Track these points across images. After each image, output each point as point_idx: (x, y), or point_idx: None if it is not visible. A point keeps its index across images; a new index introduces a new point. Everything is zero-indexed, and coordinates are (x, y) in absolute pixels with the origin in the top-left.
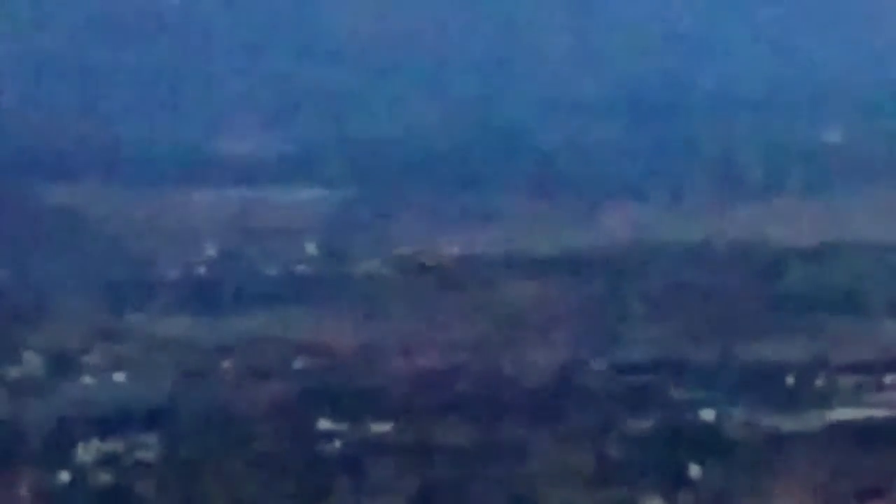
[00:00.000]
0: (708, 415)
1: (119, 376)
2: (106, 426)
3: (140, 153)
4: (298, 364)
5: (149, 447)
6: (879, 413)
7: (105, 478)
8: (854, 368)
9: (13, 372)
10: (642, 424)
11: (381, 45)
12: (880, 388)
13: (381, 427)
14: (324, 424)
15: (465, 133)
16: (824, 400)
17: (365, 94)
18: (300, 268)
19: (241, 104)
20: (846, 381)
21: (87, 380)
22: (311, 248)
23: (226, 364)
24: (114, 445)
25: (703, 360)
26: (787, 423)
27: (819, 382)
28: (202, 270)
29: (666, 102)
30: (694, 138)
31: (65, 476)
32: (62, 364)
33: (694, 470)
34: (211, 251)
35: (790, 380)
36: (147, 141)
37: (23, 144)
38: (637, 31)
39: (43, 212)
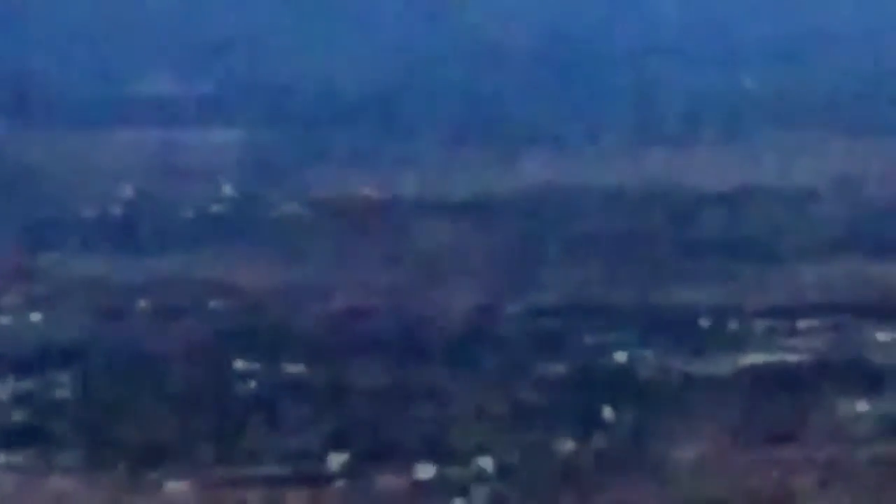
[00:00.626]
0: (621, 357)
1: (35, 316)
2: (21, 365)
3: (57, 93)
4: (214, 304)
5: (64, 386)
6: (792, 358)
7: (20, 416)
8: (768, 313)
9: None
10: (556, 368)
11: None
12: (793, 332)
13: (296, 368)
14: (239, 365)
15: (386, 78)
16: (737, 344)
17: (286, 36)
18: (216, 208)
19: (160, 45)
20: (759, 325)
21: (2, 319)
22: (227, 190)
23: (141, 304)
24: (29, 384)
25: (617, 304)
26: (700, 367)
27: (732, 327)
28: (119, 210)
29: (585, 51)
30: (611, 85)
31: None
32: None
33: (607, 412)
34: (128, 191)
35: (704, 324)
36: (65, 81)
37: None
38: None
39: None
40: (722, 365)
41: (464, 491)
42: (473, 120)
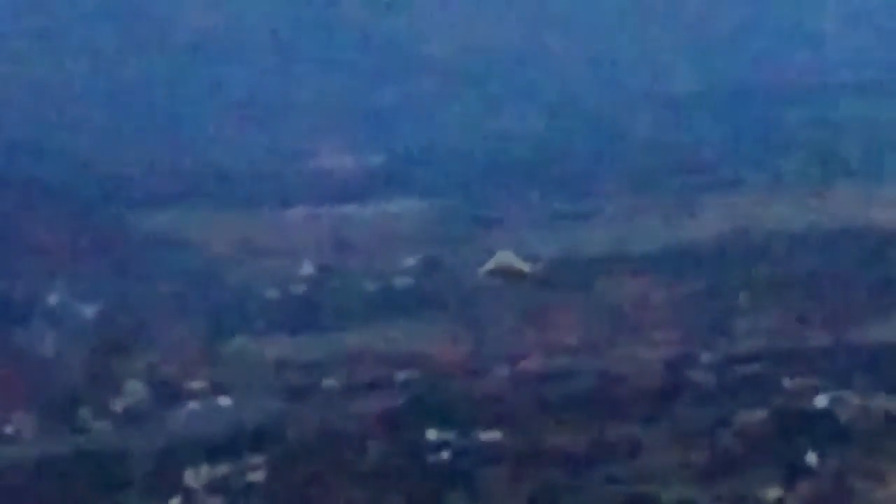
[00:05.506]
0: (822, 401)
1: (223, 399)
2: (213, 450)
3: (231, 176)
4: (402, 376)
5: (258, 468)
6: None
7: (216, 502)
8: None
9: (117, 403)
10: (756, 414)
11: (467, 53)
12: None
13: (490, 434)
14: (432, 435)
15: (556, 135)
16: None
17: (453, 103)
18: (399, 280)
19: (328, 121)
20: None
21: (192, 405)
22: (409, 260)
23: (329, 381)
24: (223, 469)
25: (814, 347)
26: None
27: None
28: (301, 288)
29: (758, 90)
30: (788, 124)
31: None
32: (166, 391)
33: (811, 457)
34: (308, 268)
35: None
36: (237, 163)
37: (110, 173)
38: (724, 21)
39: (137, 240)
40: None
41: None
42: (650, 170)
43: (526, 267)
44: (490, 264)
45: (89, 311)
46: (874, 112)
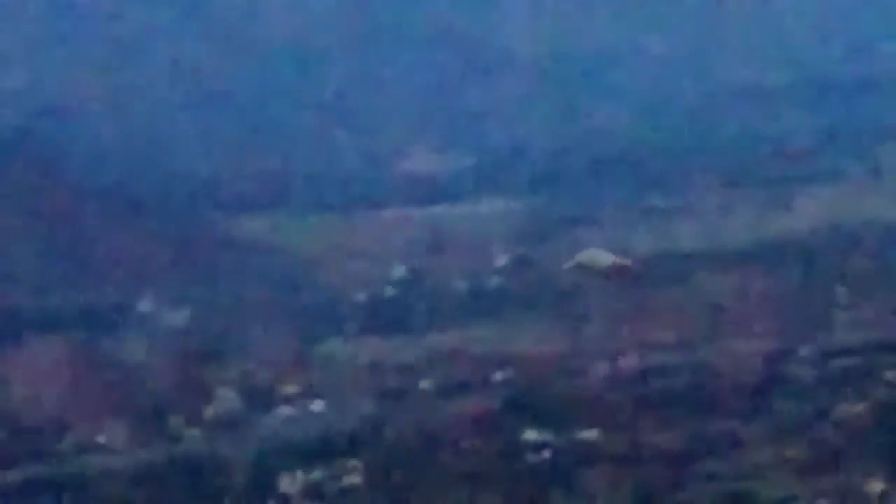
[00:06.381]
0: None
1: (317, 404)
2: (308, 455)
3: (321, 179)
4: (497, 377)
5: (354, 472)
6: None
7: None
8: None
9: (209, 410)
10: (856, 408)
11: (555, 51)
12: None
13: (589, 434)
14: (530, 435)
15: (646, 132)
16: None
17: (542, 102)
18: (491, 280)
19: (417, 123)
20: None
21: (286, 410)
22: (501, 260)
23: (423, 383)
24: (317, 474)
25: None
26: None
27: None
28: (392, 291)
29: (851, 81)
30: (881, 114)
31: None
32: (258, 397)
33: None
34: (400, 271)
35: None
36: (327, 167)
37: (199, 180)
38: (817, 13)
39: (228, 246)
40: None
41: None
42: (742, 164)
43: (608, 261)
44: (574, 261)
45: (180, 318)
46: None
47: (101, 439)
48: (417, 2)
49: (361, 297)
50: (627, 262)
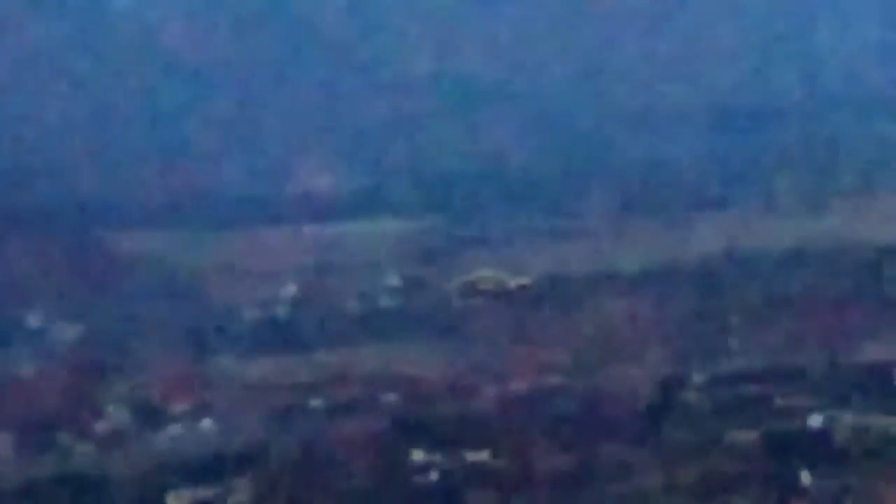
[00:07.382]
0: (815, 421)
1: (206, 422)
2: (196, 474)
3: (213, 197)
4: (387, 398)
5: (241, 491)
6: None
7: None
8: None
9: (99, 426)
10: (748, 435)
11: (447, 70)
12: None
13: (477, 455)
14: (418, 456)
15: (543, 152)
16: None
17: (435, 121)
18: (383, 300)
19: (311, 142)
20: None
21: (173, 428)
22: (393, 280)
23: (313, 402)
24: (205, 492)
25: (807, 366)
26: None
27: None
28: (283, 310)
29: (748, 109)
30: (775, 142)
31: None
32: (148, 414)
33: (805, 477)
34: (291, 289)
35: None
36: (219, 184)
37: (91, 195)
38: (716, 39)
39: (119, 262)
40: None
41: None
42: (638, 188)
43: (500, 283)
44: (466, 282)
45: (70, 333)
46: (865, 129)
47: None
48: (314, 20)
49: (252, 315)
50: (520, 283)
